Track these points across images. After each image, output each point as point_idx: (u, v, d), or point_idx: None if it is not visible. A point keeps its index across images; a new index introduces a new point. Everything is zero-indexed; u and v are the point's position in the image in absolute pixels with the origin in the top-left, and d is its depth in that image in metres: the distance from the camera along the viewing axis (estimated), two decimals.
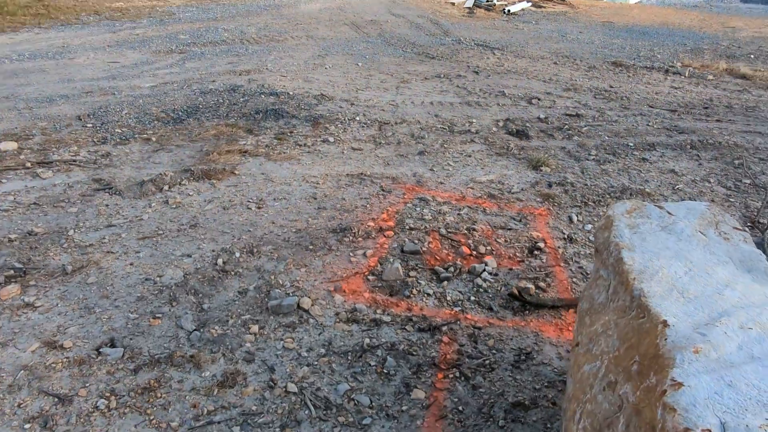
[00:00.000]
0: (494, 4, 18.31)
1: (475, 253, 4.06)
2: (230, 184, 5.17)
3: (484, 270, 3.83)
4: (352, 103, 7.86)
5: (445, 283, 3.71)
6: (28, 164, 5.38)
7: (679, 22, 17.21)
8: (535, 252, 4.14)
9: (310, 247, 4.05)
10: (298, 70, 9.66)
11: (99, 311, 3.27)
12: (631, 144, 6.57)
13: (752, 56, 12.95)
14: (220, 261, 3.81)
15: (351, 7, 17.77)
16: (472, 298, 3.59)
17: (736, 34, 15.70)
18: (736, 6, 23.93)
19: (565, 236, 4.42)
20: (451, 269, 3.84)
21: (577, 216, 4.76)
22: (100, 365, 2.86)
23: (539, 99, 8.37)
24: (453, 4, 18.83)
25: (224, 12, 15.91)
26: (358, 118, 7.21)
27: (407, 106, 7.87)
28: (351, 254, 3.98)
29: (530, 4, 19.29)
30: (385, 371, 2.91)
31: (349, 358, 2.99)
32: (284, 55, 10.75)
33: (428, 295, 3.58)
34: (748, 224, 4.81)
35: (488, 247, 4.15)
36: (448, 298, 3.57)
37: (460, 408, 2.72)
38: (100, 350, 2.96)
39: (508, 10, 17.49)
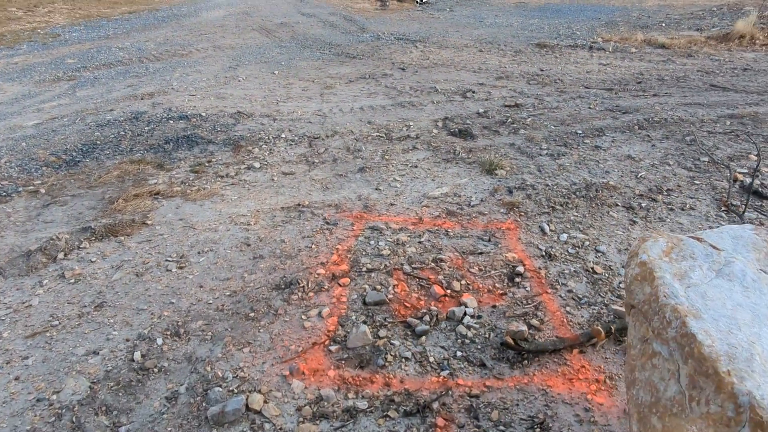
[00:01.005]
0: None
1: (449, 292, 3.45)
2: (143, 239, 4.28)
3: (465, 313, 3.22)
4: (275, 119, 7.05)
5: (423, 338, 3.07)
6: None
7: None
8: (516, 279, 3.58)
9: (252, 314, 3.29)
10: (208, 86, 8.69)
11: None
12: (580, 131, 6.20)
13: (663, 24, 13.17)
14: (137, 354, 2.98)
15: (257, 11, 16.74)
16: (459, 353, 2.96)
17: (642, 3, 16.04)
18: None
19: (543, 252, 3.89)
20: (427, 318, 3.20)
21: (548, 225, 4.25)
22: None
23: (473, 91, 7.89)
24: None
25: (117, 28, 14.47)
26: (284, 135, 6.43)
27: (336, 114, 7.16)
28: (303, 317, 3.26)
29: None
30: None
31: None
32: (191, 71, 9.71)
33: (406, 359, 2.92)
34: (723, 208, 4.50)
35: (463, 282, 3.54)
36: (431, 358, 2.93)
37: None
38: None
39: (421, 0, 17.07)
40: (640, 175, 5.10)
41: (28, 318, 3.37)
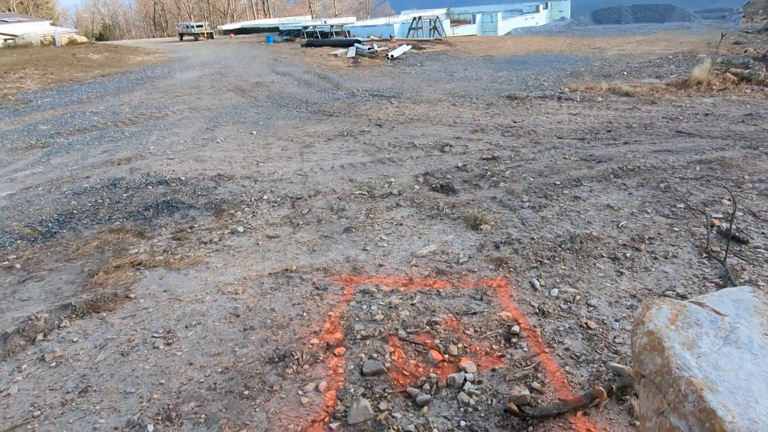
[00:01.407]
0: (376, 51, 18.41)
1: (447, 356, 3.40)
2: (126, 314, 4.15)
3: (465, 379, 3.17)
4: (256, 180, 7.06)
5: (425, 408, 2.99)
6: None
7: (551, 48, 18.24)
8: (513, 339, 3.56)
9: (246, 392, 3.17)
10: (186, 149, 8.69)
11: None
12: (558, 182, 6.34)
13: (624, 73, 13.80)
14: None
15: (231, 71, 17.02)
16: (463, 423, 2.89)
17: (603, 54, 16.83)
18: (592, 28, 26.12)
19: (536, 309, 3.89)
20: (427, 386, 3.14)
21: (538, 280, 4.27)
22: None
23: (451, 145, 8.06)
24: (336, 55, 18.70)
25: (90, 92, 14.51)
26: (266, 197, 6.42)
27: (317, 173, 7.21)
28: (300, 392, 3.16)
29: (410, 47, 19.64)
30: None
31: None
32: (168, 134, 9.73)
33: None
34: (704, 255, 4.59)
35: (460, 345, 3.50)
36: (435, 431, 2.85)
37: None
38: None
39: (392, 56, 17.61)
40: (621, 224, 5.21)
41: (6, 409, 3.19)
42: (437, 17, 28.63)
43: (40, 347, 3.79)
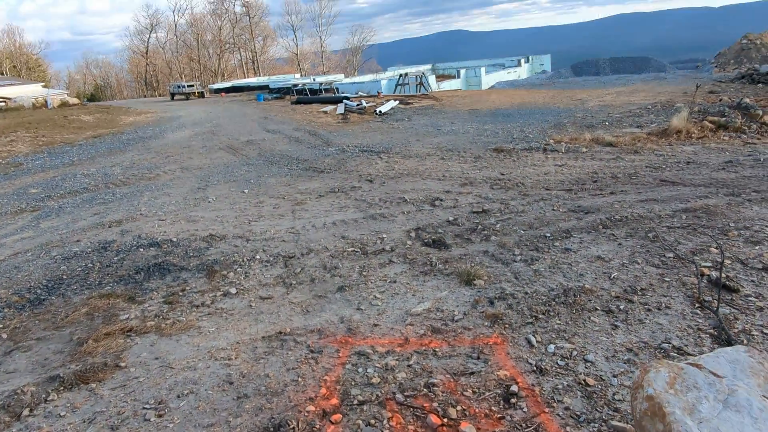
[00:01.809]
0: (365, 107, 18.86)
1: (446, 420, 3.33)
2: (116, 384, 4.05)
3: None
4: (248, 239, 7.06)
5: None
6: None
7: (534, 100, 18.81)
8: (512, 399, 3.50)
9: None
10: (178, 209, 8.72)
11: None
12: (548, 234, 6.41)
13: (606, 123, 14.20)
14: None
15: (222, 130, 17.30)
16: None
17: (584, 105, 17.36)
18: (573, 80, 27.07)
19: (534, 367, 3.85)
20: None
21: (534, 336, 4.25)
22: None
23: (441, 199, 8.16)
24: (325, 112, 19.13)
25: (82, 154, 14.63)
26: (258, 257, 6.41)
27: (309, 231, 7.23)
28: None
29: (398, 102, 20.16)
30: None
31: None
32: (159, 194, 9.77)
33: None
34: (696, 305, 4.61)
35: (458, 408, 3.44)
36: None
37: None
38: None
39: (380, 111, 18.03)
40: (612, 275, 5.24)
41: None
42: (423, 73, 29.59)
43: (26, 423, 3.67)
